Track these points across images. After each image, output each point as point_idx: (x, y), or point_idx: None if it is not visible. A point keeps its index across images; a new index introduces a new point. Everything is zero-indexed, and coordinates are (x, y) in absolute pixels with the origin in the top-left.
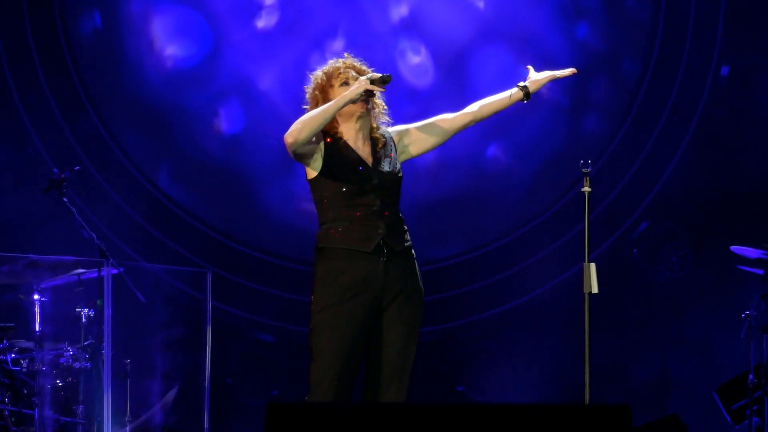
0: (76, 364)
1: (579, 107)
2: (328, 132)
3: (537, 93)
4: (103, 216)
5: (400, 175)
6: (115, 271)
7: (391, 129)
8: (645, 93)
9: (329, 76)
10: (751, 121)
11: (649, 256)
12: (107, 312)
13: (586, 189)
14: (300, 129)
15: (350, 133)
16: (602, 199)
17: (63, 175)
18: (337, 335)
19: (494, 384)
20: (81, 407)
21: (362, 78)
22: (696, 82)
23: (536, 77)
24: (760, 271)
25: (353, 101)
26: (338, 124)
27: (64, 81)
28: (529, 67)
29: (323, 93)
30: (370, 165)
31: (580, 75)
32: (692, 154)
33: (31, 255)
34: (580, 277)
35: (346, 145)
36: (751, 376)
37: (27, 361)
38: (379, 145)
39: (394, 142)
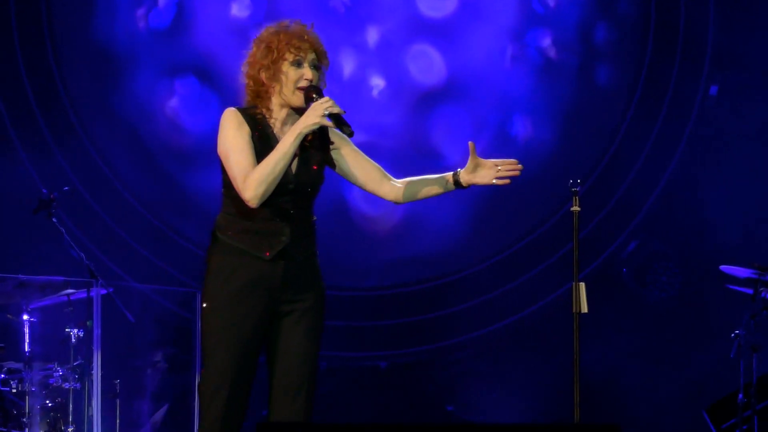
0: (66, 385)
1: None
2: (257, 126)
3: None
4: (92, 236)
5: (321, 178)
6: (104, 291)
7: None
8: (634, 112)
9: (282, 46)
10: (740, 140)
11: (639, 275)
12: (96, 332)
13: (576, 208)
14: (259, 185)
15: (278, 124)
16: (591, 219)
17: (52, 196)
18: (230, 339)
19: (484, 404)
20: (71, 428)
21: (320, 105)
22: (685, 101)
23: (472, 175)
24: (750, 291)
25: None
26: (270, 112)
27: (53, 102)
28: (471, 144)
29: (274, 64)
30: (293, 165)
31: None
32: (681, 173)
33: (20, 275)
34: (569, 296)
35: (271, 138)
36: (740, 395)
37: (16, 381)
38: (308, 138)
39: (328, 137)
